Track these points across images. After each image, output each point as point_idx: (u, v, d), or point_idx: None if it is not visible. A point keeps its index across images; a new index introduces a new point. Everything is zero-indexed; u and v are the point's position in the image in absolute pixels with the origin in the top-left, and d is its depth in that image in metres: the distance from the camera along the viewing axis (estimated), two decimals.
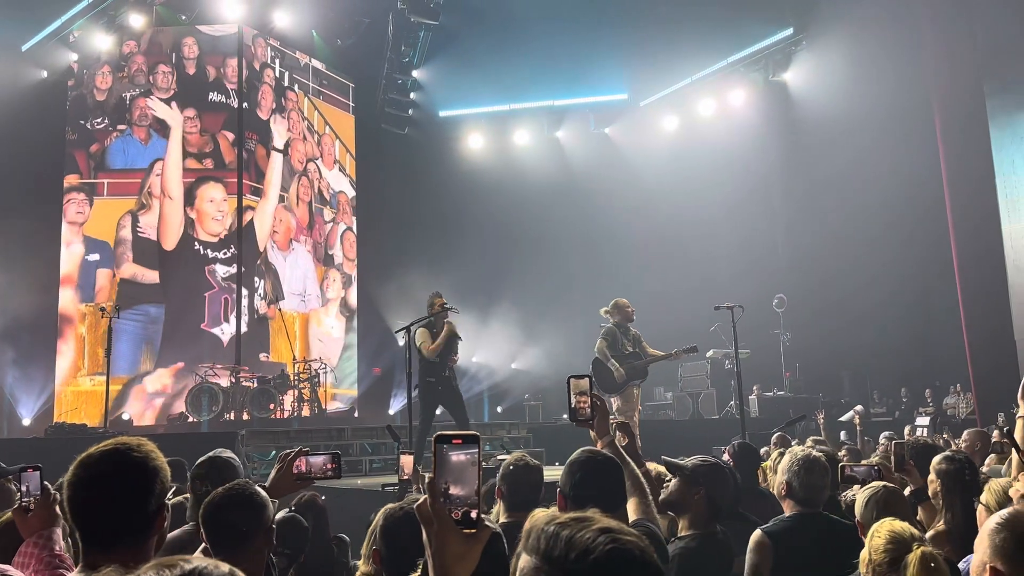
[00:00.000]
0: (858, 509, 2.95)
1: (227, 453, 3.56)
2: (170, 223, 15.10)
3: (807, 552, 3.00)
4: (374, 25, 17.11)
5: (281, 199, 16.21)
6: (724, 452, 5.16)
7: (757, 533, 3.12)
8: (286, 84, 16.89)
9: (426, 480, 1.34)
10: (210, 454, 3.52)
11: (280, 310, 15.03)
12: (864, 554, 2.42)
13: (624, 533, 1.11)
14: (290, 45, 16.82)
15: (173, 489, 1.99)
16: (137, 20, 14.76)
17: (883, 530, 2.40)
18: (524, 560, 1.15)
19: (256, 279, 15.49)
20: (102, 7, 14.38)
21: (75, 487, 1.79)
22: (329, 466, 3.03)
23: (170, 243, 15.03)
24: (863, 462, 3.79)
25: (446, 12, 15.87)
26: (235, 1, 15.17)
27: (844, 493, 3.87)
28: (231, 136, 15.54)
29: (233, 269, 15.11)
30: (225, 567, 1.09)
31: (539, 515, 1.21)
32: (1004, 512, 2.05)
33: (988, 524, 2.02)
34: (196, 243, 15.10)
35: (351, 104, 18.41)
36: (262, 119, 16.18)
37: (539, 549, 1.12)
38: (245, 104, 15.74)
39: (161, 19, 15.31)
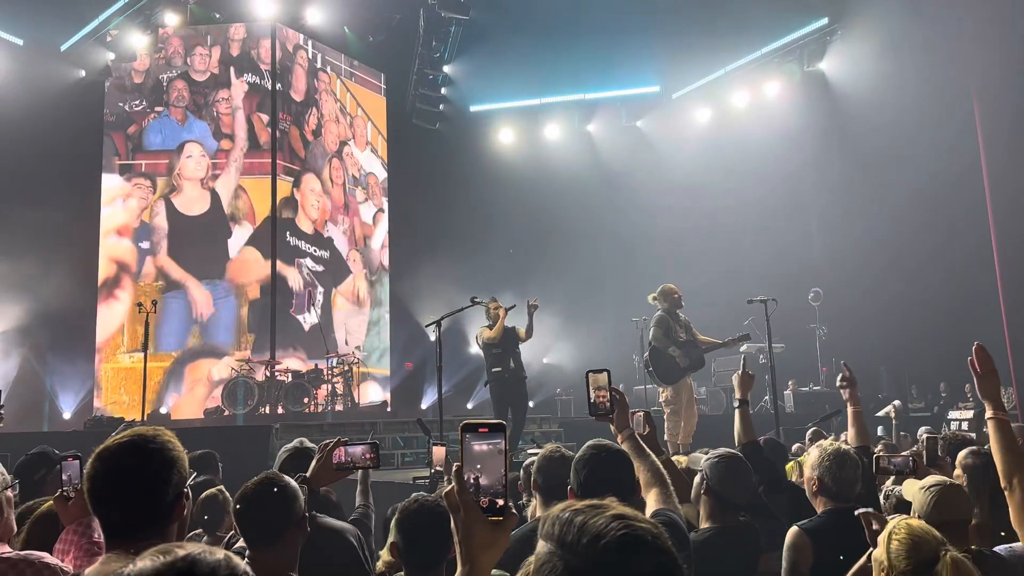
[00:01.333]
0: (918, 506, 2.78)
1: (308, 443, 3.63)
2: (199, 203, 15.52)
3: (845, 548, 2.94)
4: (405, 21, 17.19)
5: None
6: None
7: (794, 530, 3.05)
8: (319, 65, 17.10)
9: (453, 469, 1.36)
10: (294, 445, 3.56)
11: (314, 300, 15.24)
12: (879, 556, 2.21)
13: (638, 519, 1.12)
14: (322, 41, 16.98)
15: (193, 476, 2.00)
16: (172, 19, 14.96)
17: (902, 533, 2.18)
18: (540, 546, 1.16)
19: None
20: (137, 7, 14.58)
21: (94, 479, 1.81)
22: (368, 455, 3.11)
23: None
24: (900, 454, 3.72)
25: (476, 7, 15.89)
26: None
27: (884, 484, 3.81)
28: (265, 117, 15.81)
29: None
30: (220, 553, 1.09)
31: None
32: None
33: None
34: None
35: (382, 86, 18.55)
36: (296, 100, 16.44)
37: (553, 535, 1.14)
38: (279, 85, 15.97)
39: (195, 18, 15.53)
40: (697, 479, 3.35)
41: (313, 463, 3.04)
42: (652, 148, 18.33)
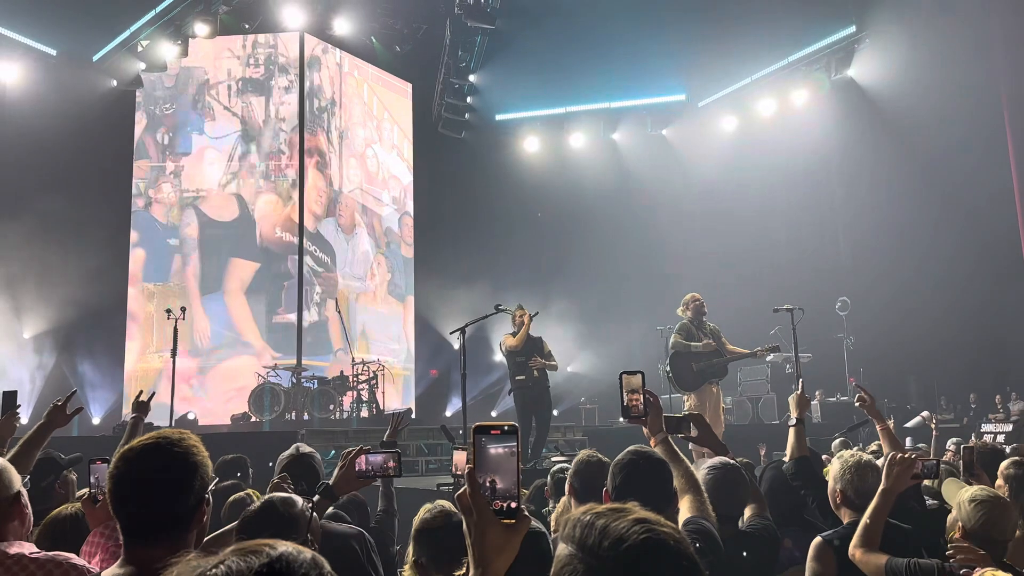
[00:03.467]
0: (964, 517, 2.78)
1: (306, 448, 3.63)
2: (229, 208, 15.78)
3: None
4: (431, 31, 17.30)
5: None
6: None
7: (817, 541, 3.04)
8: (346, 70, 17.27)
9: (466, 471, 1.36)
10: (290, 452, 3.56)
11: (338, 309, 15.31)
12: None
13: (660, 524, 1.12)
14: (350, 51, 17.15)
15: (215, 481, 2.00)
16: (202, 29, 15.13)
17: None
18: (561, 548, 1.16)
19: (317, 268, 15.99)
20: (168, 17, 14.79)
21: (116, 480, 1.80)
22: (390, 464, 3.07)
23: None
24: (927, 458, 3.67)
25: (502, 16, 15.94)
26: (297, 9, 15.50)
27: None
28: (293, 122, 16.06)
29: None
30: (308, 553, 1.06)
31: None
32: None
33: None
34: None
35: (409, 96, 18.70)
36: (323, 103, 16.65)
37: (575, 538, 1.14)
38: (306, 89, 16.16)
39: (226, 28, 15.72)
40: None
41: (336, 471, 3.06)
42: (678, 157, 18.26)
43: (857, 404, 4.09)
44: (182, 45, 15.28)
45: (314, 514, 2.52)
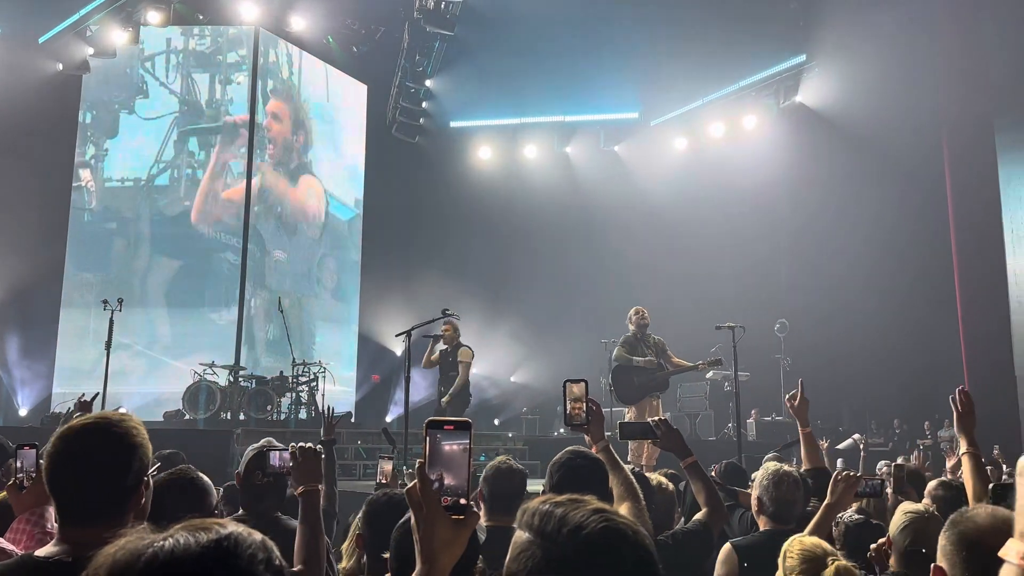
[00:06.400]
0: (893, 527, 2.87)
1: (277, 444, 3.56)
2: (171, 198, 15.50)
3: (771, 568, 3.00)
4: (390, 33, 17.22)
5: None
6: (711, 470, 5.21)
7: (726, 546, 3.16)
8: (301, 70, 17.11)
9: (416, 465, 1.36)
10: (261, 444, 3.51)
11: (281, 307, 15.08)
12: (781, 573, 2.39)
13: (618, 515, 1.14)
14: (305, 49, 16.97)
15: (157, 467, 1.98)
16: (154, 17, 14.85)
17: (795, 550, 2.39)
18: (518, 535, 1.17)
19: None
20: (120, 3, 14.48)
21: (53, 459, 1.77)
22: (287, 467, 2.82)
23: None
24: (875, 476, 3.78)
25: (462, 24, 15.95)
26: (253, 3, 15.30)
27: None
28: (244, 117, 15.80)
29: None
30: (258, 536, 1.06)
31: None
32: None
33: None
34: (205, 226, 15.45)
35: (364, 89, 18.57)
36: (274, 100, 16.45)
37: (533, 525, 1.15)
38: (259, 85, 15.98)
39: (179, 17, 15.44)
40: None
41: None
42: (629, 173, 18.47)
43: (788, 402, 4.19)
44: (132, 32, 14.96)
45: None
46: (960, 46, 13.77)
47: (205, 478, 2.57)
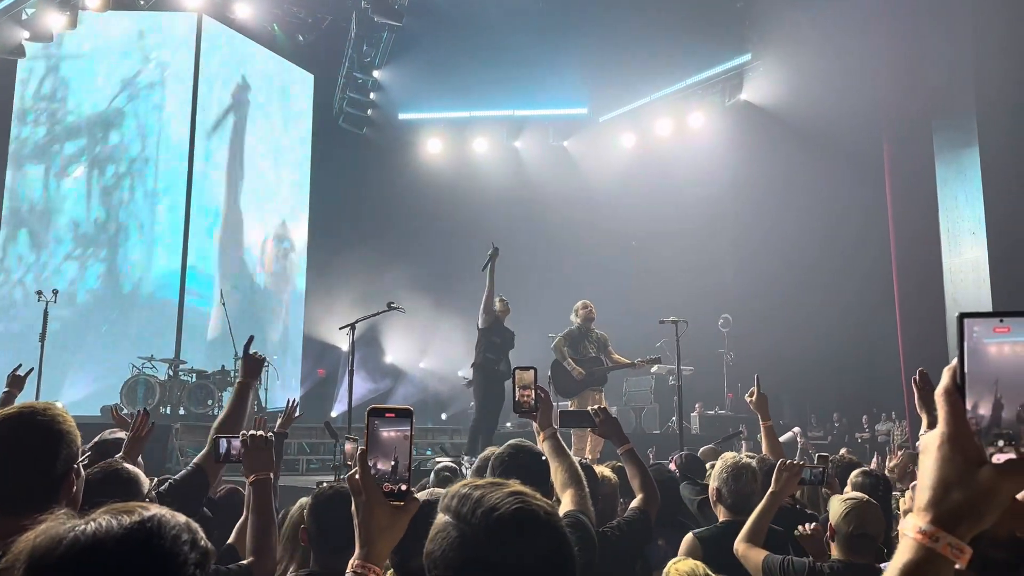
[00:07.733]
0: (834, 516, 2.95)
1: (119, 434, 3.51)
2: None
3: (731, 556, 3.06)
4: (336, 23, 17.00)
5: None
6: (671, 462, 5.29)
7: (688, 537, 3.22)
8: (245, 60, 16.81)
9: (357, 452, 1.38)
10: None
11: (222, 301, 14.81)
12: None
13: (535, 498, 1.16)
14: (250, 36, 16.64)
15: (88, 456, 1.95)
16: (94, 2, 14.42)
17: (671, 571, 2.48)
18: (439, 518, 1.20)
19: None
20: None
21: None
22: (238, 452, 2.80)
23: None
24: (816, 465, 3.87)
25: (410, 14, 15.82)
26: None
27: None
28: (186, 108, 15.53)
29: None
30: (182, 517, 1.06)
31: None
32: None
33: None
34: None
35: (310, 78, 18.31)
36: (218, 91, 16.15)
37: (451, 507, 1.18)
38: (201, 75, 15.68)
39: (119, 2, 15.02)
40: None
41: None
42: (577, 168, 18.55)
43: (747, 398, 4.27)
44: (70, 16, 14.50)
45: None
46: (897, 48, 14.06)
47: (133, 468, 2.51)
